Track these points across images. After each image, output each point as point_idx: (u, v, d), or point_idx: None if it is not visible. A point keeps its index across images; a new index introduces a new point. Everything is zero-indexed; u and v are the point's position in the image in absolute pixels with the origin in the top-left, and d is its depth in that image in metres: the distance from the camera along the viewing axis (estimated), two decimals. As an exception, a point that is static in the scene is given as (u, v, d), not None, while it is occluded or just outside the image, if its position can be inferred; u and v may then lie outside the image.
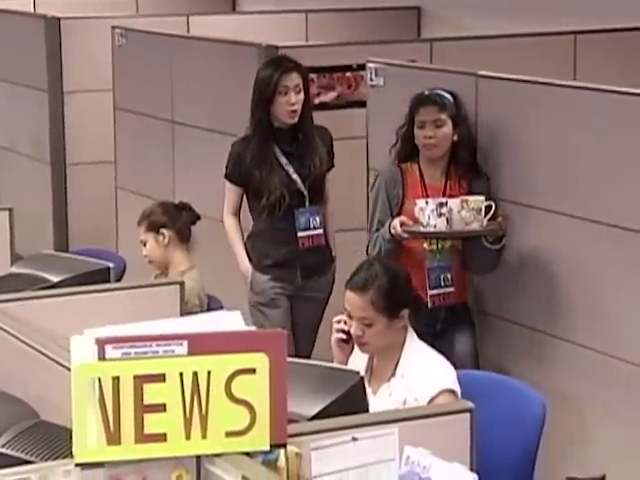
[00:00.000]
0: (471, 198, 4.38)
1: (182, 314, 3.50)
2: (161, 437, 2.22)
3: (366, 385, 3.41)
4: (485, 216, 4.37)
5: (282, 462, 2.37)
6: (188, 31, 7.38)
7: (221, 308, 4.40)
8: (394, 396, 3.53)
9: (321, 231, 5.03)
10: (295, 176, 4.99)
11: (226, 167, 5.13)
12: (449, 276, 4.50)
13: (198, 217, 5.05)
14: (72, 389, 2.21)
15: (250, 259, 5.09)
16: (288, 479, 2.41)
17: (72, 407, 2.22)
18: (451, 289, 4.51)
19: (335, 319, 3.73)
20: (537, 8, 6.91)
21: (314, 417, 2.65)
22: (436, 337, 4.39)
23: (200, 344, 2.27)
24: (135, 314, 2.73)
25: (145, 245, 4.96)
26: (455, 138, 4.52)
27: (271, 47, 5.72)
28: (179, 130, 6.37)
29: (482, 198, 4.38)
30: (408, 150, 4.59)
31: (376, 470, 2.52)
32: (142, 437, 2.21)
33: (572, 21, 6.38)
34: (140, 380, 2.21)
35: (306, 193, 5.01)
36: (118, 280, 4.50)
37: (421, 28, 7.76)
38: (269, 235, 5.04)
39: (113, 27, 6.81)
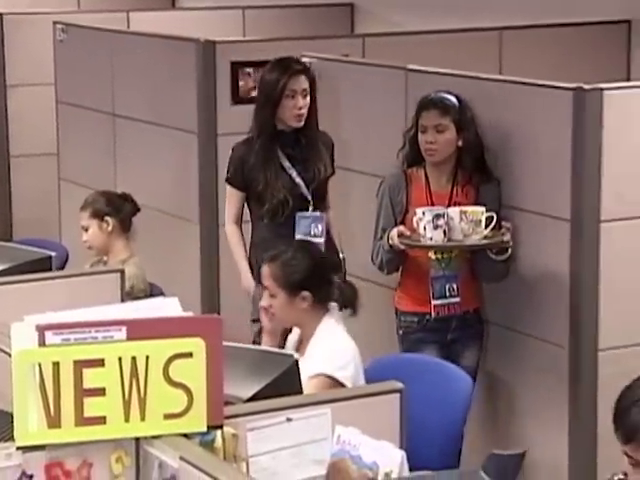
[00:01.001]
0: (470, 209, 4.11)
1: (123, 301, 3.48)
2: (101, 420, 2.21)
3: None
4: (487, 227, 4.10)
5: (219, 443, 2.37)
6: (128, 27, 7.34)
7: (162, 295, 4.38)
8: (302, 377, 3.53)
9: (321, 240, 4.62)
10: (298, 180, 4.68)
11: (227, 171, 4.79)
12: (455, 286, 4.19)
13: (138, 209, 5.00)
14: (13, 374, 2.19)
15: (252, 270, 4.70)
16: (225, 459, 2.41)
17: (13, 392, 2.20)
18: (456, 299, 4.20)
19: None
20: (464, 5, 6.95)
21: (250, 399, 2.66)
22: (445, 347, 4.25)
23: (138, 330, 2.25)
24: (76, 302, 2.70)
25: (87, 231, 4.90)
26: (460, 143, 4.22)
27: (209, 42, 5.70)
28: (120, 122, 6.32)
29: (482, 209, 4.11)
30: (415, 154, 4.30)
31: (310, 449, 2.52)
32: (82, 420, 2.19)
33: (498, 17, 6.43)
34: (80, 365, 2.19)
35: (310, 198, 4.68)
36: (60, 269, 4.47)
37: (354, 24, 7.78)
38: (272, 243, 4.50)
39: (55, 22, 6.75)
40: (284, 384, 2.75)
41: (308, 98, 4.66)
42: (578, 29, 6.19)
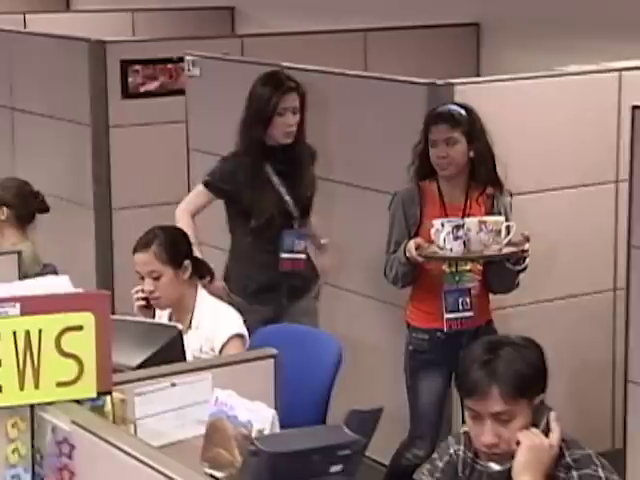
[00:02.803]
0: (490, 219, 3.70)
1: (20, 280, 3.42)
2: (-3, 389, 2.18)
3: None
4: (506, 237, 3.69)
5: (108, 407, 2.36)
6: (25, 27, 7.19)
7: (55, 273, 4.31)
8: (191, 346, 3.51)
9: (304, 256, 4.21)
10: (287, 197, 4.18)
11: (209, 175, 4.22)
12: (467, 300, 3.76)
13: (47, 209, 4.83)
14: None
15: (230, 282, 4.24)
16: (114, 422, 2.39)
17: None
18: (469, 313, 3.76)
19: (133, 290, 3.68)
20: (334, 8, 6.97)
21: (138, 367, 2.65)
22: (452, 368, 3.54)
23: (31, 305, 2.22)
24: (-25, 281, 2.65)
25: None
26: (471, 155, 3.79)
27: (99, 42, 5.65)
28: (18, 116, 6.21)
29: (502, 219, 3.72)
30: (425, 168, 3.85)
31: (192, 411, 2.52)
32: (-20, 389, 2.16)
33: (363, 20, 6.47)
34: (-23, 339, 2.16)
35: (296, 214, 4.20)
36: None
37: (235, 26, 7.76)
38: (254, 257, 4.19)
39: (-45, 24, 6.59)
40: (169, 353, 2.75)
41: (298, 115, 4.17)
42: (434, 31, 6.26)
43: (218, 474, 2.18)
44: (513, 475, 2.37)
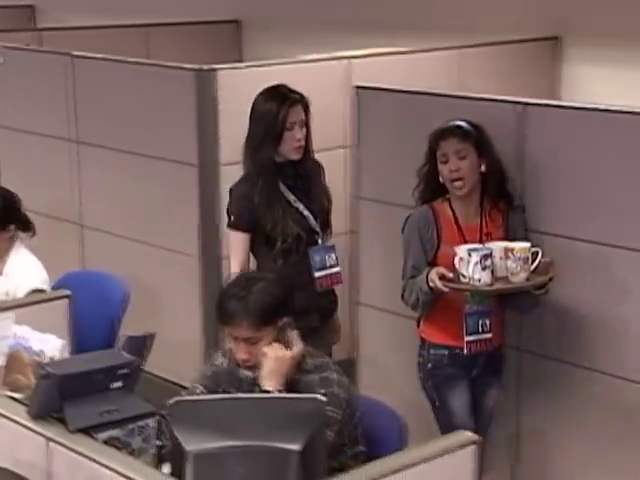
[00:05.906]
0: (517, 247, 3.00)
1: None
2: None
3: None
4: (532, 263, 3.02)
5: None
6: None
7: None
8: (0, 290, 3.43)
9: (338, 269, 3.42)
10: (306, 212, 3.38)
11: (229, 214, 3.39)
12: (487, 321, 3.11)
13: None
14: None
15: None
16: None
17: None
18: (489, 335, 3.12)
19: None
20: (121, 7, 6.85)
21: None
22: (469, 382, 3.21)
23: None
24: None
25: None
26: (483, 169, 3.10)
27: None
28: None
29: (528, 245, 3.02)
30: (432, 190, 3.14)
31: (-5, 345, 2.46)
32: None
33: (145, 17, 6.36)
34: None
35: (318, 229, 3.41)
36: None
37: (36, 21, 7.50)
38: (285, 281, 3.03)
39: None
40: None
41: (304, 128, 3.39)
42: (203, 27, 6.21)
43: (17, 395, 2.14)
44: (260, 380, 2.47)
